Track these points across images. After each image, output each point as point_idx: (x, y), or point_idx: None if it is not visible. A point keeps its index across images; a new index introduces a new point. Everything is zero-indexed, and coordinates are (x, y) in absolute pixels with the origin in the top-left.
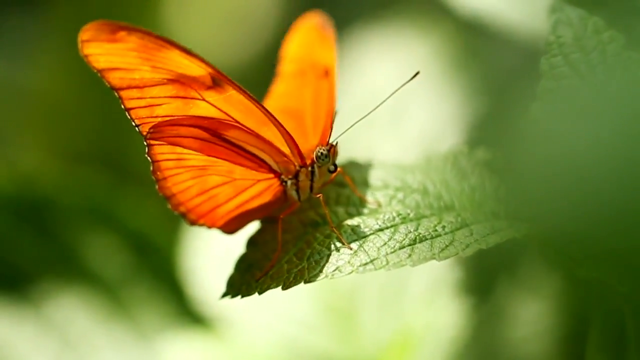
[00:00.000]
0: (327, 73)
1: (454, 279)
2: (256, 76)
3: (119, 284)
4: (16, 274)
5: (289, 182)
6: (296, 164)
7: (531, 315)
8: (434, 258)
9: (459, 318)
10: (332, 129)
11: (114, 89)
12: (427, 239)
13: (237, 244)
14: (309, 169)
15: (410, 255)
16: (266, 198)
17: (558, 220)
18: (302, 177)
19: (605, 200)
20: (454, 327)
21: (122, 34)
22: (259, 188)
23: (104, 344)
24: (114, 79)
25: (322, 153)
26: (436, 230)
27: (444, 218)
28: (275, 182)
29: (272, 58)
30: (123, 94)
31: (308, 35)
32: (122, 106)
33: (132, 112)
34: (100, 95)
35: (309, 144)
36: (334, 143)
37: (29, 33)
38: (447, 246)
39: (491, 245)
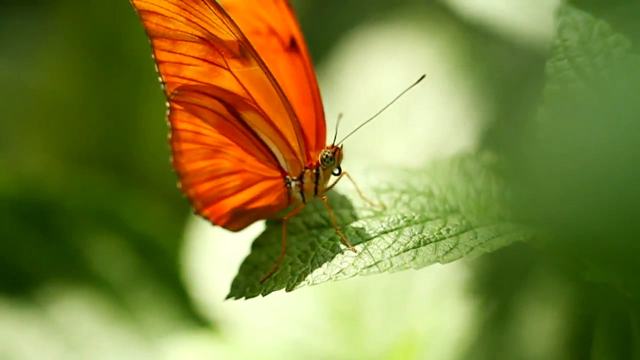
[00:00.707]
0: (294, 44)
1: (460, 281)
2: None
3: (123, 287)
4: (21, 276)
5: (293, 184)
6: (303, 164)
7: (536, 318)
8: (438, 261)
9: (464, 320)
10: (335, 130)
11: (149, 34)
12: (431, 242)
13: (241, 246)
14: (314, 171)
15: (414, 258)
16: (270, 199)
17: (565, 223)
18: (306, 179)
19: (612, 204)
20: (459, 329)
21: None
22: (265, 186)
23: (108, 346)
24: (151, 23)
25: (327, 156)
26: (440, 233)
27: (448, 221)
28: (281, 183)
29: None
30: (156, 42)
31: None
32: (153, 56)
33: (161, 66)
34: (105, 96)
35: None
36: (339, 146)
37: (32, 33)
38: (451, 249)
39: (496, 248)
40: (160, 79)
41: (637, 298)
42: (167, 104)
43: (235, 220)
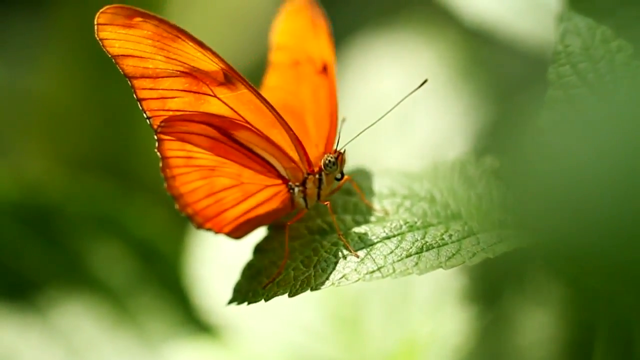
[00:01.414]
0: (325, 69)
1: (460, 286)
2: (256, 82)
3: (125, 292)
4: (22, 281)
5: (296, 190)
6: (304, 170)
7: (537, 323)
8: (441, 266)
9: (464, 326)
10: (337, 135)
11: (127, 76)
12: (433, 248)
13: (243, 252)
14: (317, 176)
15: (417, 264)
16: (273, 205)
17: (565, 231)
18: (309, 184)
19: (613, 211)
20: (459, 334)
21: (138, 19)
22: (267, 194)
23: (110, 352)
24: (128, 66)
25: (329, 161)
26: (443, 239)
27: (450, 226)
28: (283, 189)
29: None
30: (136, 83)
31: (296, 20)
32: (135, 96)
33: (144, 103)
34: (105, 101)
35: (313, 148)
36: (342, 151)
37: (33, 39)
38: (453, 255)
39: (498, 254)
40: (145, 115)
41: (639, 304)
42: (155, 137)
43: (238, 228)
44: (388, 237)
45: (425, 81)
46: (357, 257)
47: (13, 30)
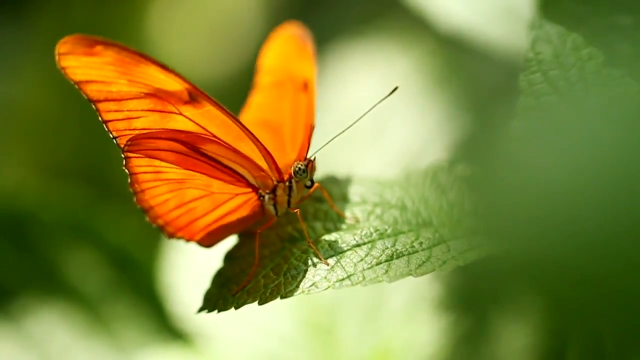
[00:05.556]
0: (306, 86)
1: (434, 295)
2: (239, 89)
3: (99, 300)
4: None
5: (266, 197)
6: (274, 178)
7: (510, 333)
8: (411, 274)
9: (438, 334)
10: (309, 144)
11: (91, 101)
12: (404, 255)
13: (216, 259)
14: (287, 184)
15: (387, 271)
16: (244, 212)
17: (535, 240)
18: (279, 192)
19: (582, 221)
20: (433, 343)
21: (99, 48)
22: (237, 202)
23: (83, 359)
24: (91, 91)
25: (299, 168)
26: (413, 247)
27: (421, 234)
28: (253, 197)
29: (255, 72)
30: (100, 106)
31: (285, 46)
32: (100, 118)
33: (109, 124)
34: (82, 110)
35: (288, 159)
36: (312, 158)
37: (11, 46)
38: (424, 262)
39: (468, 261)
40: (110, 135)
41: (610, 313)
42: (122, 155)
43: (209, 236)
44: (358, 245)
45: (396, 89)
46: (327, 264)
47: None
